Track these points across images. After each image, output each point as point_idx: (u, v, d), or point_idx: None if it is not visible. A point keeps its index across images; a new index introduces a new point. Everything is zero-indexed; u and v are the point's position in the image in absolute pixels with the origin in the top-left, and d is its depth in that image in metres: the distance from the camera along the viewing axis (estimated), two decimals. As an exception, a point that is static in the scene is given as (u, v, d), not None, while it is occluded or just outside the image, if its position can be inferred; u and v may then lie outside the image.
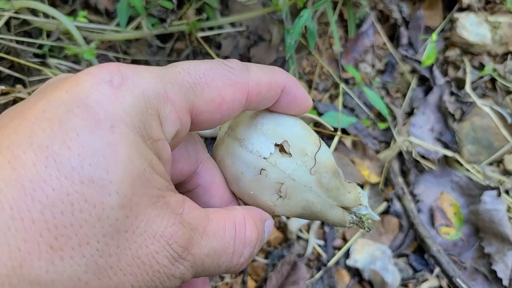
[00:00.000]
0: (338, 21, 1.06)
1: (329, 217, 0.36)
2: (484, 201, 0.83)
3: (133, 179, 0.23)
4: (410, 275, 0.84)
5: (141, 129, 0.25)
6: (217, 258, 0.29)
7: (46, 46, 0.89)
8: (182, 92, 0.28)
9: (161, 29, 0.87)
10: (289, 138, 0.34)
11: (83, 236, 0.22)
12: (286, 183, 0.34)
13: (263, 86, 0.32)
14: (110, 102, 0.24)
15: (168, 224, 0.25)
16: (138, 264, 0.24)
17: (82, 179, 0.22)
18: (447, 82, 1.02)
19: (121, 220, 0.23)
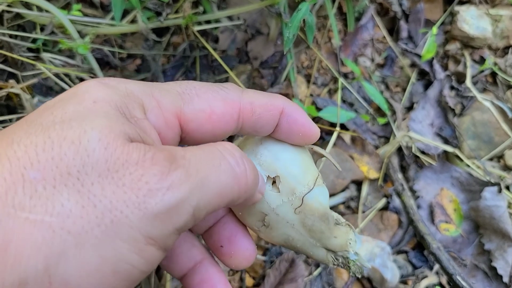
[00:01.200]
0: (337, 15, 1.05)
1: (311, 255, 0.37)
2: (484, 197, 0.82)
3: (109, 124, 0.25)
4: (409, 272, 0.84)
5: (123, 109, 0.27)
6: (210, 159, 0.28)
7: (40, 40, 0.87)
8: (170, 97, 0.30)
9: (157, 22, 0.86)
10: (282, 174, 0.35)
11: (64, 168, 0.23)
12: (270, 215, 0.35)
13: (257, 105, 0.33)
14: (95, 91, 0.27)
15: (148, 151, 0.26)
16: (124, 190, 0.24)
17: (62, 126, 0.25)
18: (447, 76, 1.01)
19: (99, 151, 0.24)
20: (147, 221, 0.24)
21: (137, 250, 0.24)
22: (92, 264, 0.23)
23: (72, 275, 0.22)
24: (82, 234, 0.23)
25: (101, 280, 0.23)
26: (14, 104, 0.85)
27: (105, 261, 0.23)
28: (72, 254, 0.22)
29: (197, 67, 0.97)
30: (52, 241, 0.22)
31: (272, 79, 0.95)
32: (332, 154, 0.88)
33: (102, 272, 0.23)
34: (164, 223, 0.24)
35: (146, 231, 0.24)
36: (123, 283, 0.24)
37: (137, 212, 0.23)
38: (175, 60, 0.96)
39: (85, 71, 0.85)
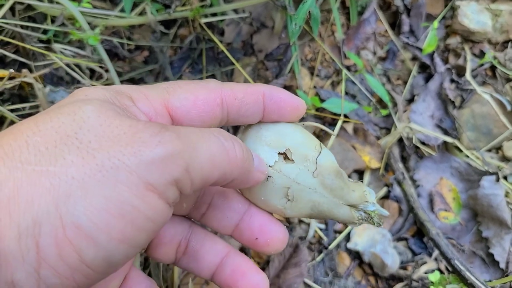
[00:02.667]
0: (340, 8, 1.07)
1: (338, 216, 0.39)
2: (483, 186, 0.85)
3: (102, 104, 0.28)
4: (409, 258, 0.86)
5: (113, 100, 0.30)
6: (199, 133, 0.30)
7: (51, 31, 0.89)
8: (155, 90, 0.33)
9: (165, 15, 0.88)
10: (291, 146, 0.37)
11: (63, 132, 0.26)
12: (292, 187, 0.37)
13: (237, 90, 0.36)
14: (87, 90, 0.30)
15: (140, 120, 0.28)
16: (120, 144, 0.26)
17: (59, 107, 0.28)
18: (448, 70, 1.03)
19: (93, 118, 0.27)
20: (144, 167, 0.25)
21: (138, 194, 0.25)
22: (98, 205, 0.24)
23: (81, 216, 0.24)
24: (85, 179, 0.24)
25: (109, 221, 0.24)
26: (26, 94, 0.88)
27: (109, 201, 0.24)
28: (78, 196, 0.24)
29: (204, 59, 0.99)
30: (59, 185, 0.24)
31: (277, 71, 0.97)
32: (335, 145, 0.90)
33: (109, 213, 0.24)
34: (160, 170, 0.26)
35: (144, 176, 0.25)
36: (131, 228, 0.25)
37: (134, 159, 0.25)
38: (182, 52, 0.98)
39: (95, 62, 0.88)
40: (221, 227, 0.40)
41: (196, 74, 0.99)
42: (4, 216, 0.23)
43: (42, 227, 0.23)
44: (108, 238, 0.25)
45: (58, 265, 0.24)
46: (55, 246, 0.24)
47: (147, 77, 0.96)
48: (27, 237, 0.23)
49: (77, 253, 0.24)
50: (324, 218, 0.39)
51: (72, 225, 0.24)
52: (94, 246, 0.24)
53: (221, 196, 0.40)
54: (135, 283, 0.38)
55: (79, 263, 0.24)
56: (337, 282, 0.82)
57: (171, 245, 0.40)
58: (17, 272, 0.23)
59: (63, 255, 0.24)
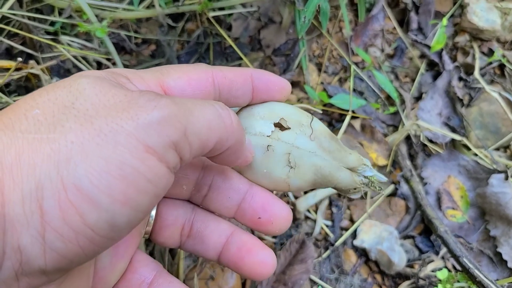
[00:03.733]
0: (348, 5, 1.06)
1: (340, 180, 0.39)
2: (491, 184, 0.84)
3: (98, 78, 0.29)
4: (416, 256, 0.85)
5: (110, 78, 0.30)
6: (194, 100, 0.30)
7: (58, 23, 0.89)
8: (150, 73, 0.34)
9: (173, 8, 0.87)
10: (284, 115, 0.39)
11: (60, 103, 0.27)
12: (292, 152, 0.38)
13: (227, 71, 0.37)
14: (85, 72, 0.31)
15: (135, 90, 0.30)
16: (117, 110, 0.26)
17: (55, 83, 0.29)
18: (456, 68, 1.02)
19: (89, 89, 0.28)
20: (142, 130, 0.26)
21: (138, 156, 0.25)
22: (98, 166, 0.24)
23: (82, 178, 0.24)
24: (85, 143, 0.25)
25: (110, 183, 0.24)
26: (33, 86, 0.87)
27: (110, 163, 0.24)
28: (79, 159, 0.24)
29: (211, 53, 0.98)
30: (59, 150, 0.24)
31: (284, 66, 0.97)
32: (342, 141, 0.90)
33: (110, 175, 0.24)
34: (158, 132, 0.26)
35: (142, 138, 0.25)
36: (132, 190, 0.25)
37: (131, 123, 0.26)
38: (189, 46, 0.98)
39: (102, 54, 0.87)
40: (223, 208, 0.40)
41: (203, 69, 0.98)
42: (8, 181, 0.24)
43: (45, 190, 0.24)
44: (110, 200, 0.24)
45: (62, 228, 0.24)
46: (58, 209, 0.24)
47: (153, 71, 0.95)
48: (31, 201, 0.23)
49: (80, 215, 0.24)
50: (326, 185, 0.39)
51: (73, 187, 0.24)
52: (96, 208, 0.24)
53: (221, 176, 0.40)
54: (142, 265, 0.38)
55: (83, 226, 0.24)
56: (343, 279, 0.81)
57: (175, 227, 0.40)
58: (23, 237, 0.23)
59: (66, 218, 0.24)
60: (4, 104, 0.81)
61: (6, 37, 0.87)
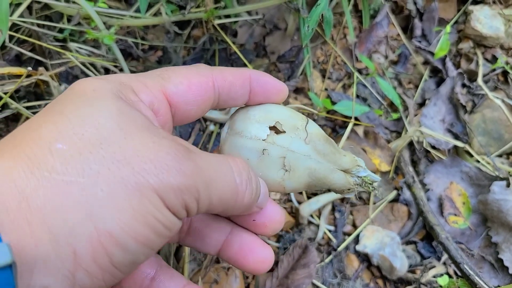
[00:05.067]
0: (352, 12, 1.07)
1: (334, 182, 0.40)
2: (493, 191, 0.85)
3: (119, 109, 0.29)
4: (418, 262, 0.86)
5: (119, 93, 0.31)
6: (218, 168, 0.32)
7: (67, 30, 0.91)
8: (151, 77, 0.34)
9: (179, 16, 0.89)
10: (279, 119, 0.40)
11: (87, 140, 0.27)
12: (287, 156, 0.39)
13: (227, 73, 0.38)
14: (92, 83, 0.31)
15: (164, 137, 0.30)
16: (144, 161, 0.27)
17: (77, 106, 0.29)
18: (460, 74, 1.03)
19: (116, 130, 0.28)
20: (164, 190, 0.28)
21: (159, 209, 0.28)
22: (128, 215, 0.26)
23: (114, 225, 0.26)
24: (113, 191, 0.26)
25: (136, 229, 0.27)
26: (41, 92, 0.89)
27: (137, 212, 0.27)
28: (110, 207, 0.26)
29: (216, 59, 1.00)
30: (90, 196, 0.26)
31: (289, 73, 0.98)
32: (345, 147, 0.91)
33: (136, 222, 0.27)
34: (176, 196, 0.28)
35: (163, 197, 0.28)
36: (153, 235, 0.28)
37: (156, 180, 0.27)
38: (195, 53, 0.99)
39: (110, 61, 0.89)
40: None
41: (208, 75, 1.00)
42: (38, 224, 0.25)
43: (79, 236, 0.25)
44: (136, 243, 0.27)
45: (91, 267, 0.26)
46: (90, 252, 0.26)
47: (160, 77, 0.96)
48: (65, 245, 0.25)
49: (108, 256, 0.26)
50: (321, 187, 0.40)
51: (106, 233, 0.26)
52: (124, 251, 0.27)
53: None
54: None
55: (110, 265, 0.27)
56: (346, 284, 0.82)
57: None
58: (52, 276, 0.25)
59: (97, 259, 0.26)
60: (13, 110, 0.83)
61: (16, 44, 0.89)
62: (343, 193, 0.41)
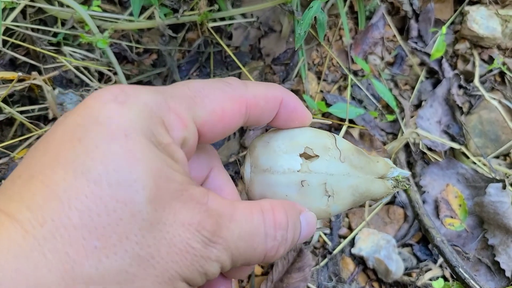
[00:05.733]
0: (348, 13, 1.07)
1: (375, 192, 0.38)
2: (489, 193, 0.84)
3: (154, 176, 0.26)
4: (414, 265, 0.86)
5: (151, 136, 0.27)
6: (250, 240, 0.30)
7: (61, 34, 0.91)
8: (184, 103, 0.30)
9: (173, 19, 0.89)
10: (307, 143, 0.36)
11: (122, 233, 0.24)
12: (328, 180, 0.36)
13: (260, 98, 0.34)
14: (119, 116, 0.26)
15: (194, 213, 0.28)
16: (175, 251, 0.26)
17: (110, 182, 0.24)
18: (456, 75, 1.02)
19: (151, 214, 0.25)
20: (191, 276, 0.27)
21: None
22: None
23: None
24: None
25: None
26: (36, 96, 0.89)
27: None
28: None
29: (211, 62, 1.00)
30: None
31: (284, 75, 0.98)
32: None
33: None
34: (200, 275, 0.28)
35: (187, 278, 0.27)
36: None
37: (186, 271, 0.27)
38: (190, 56, 0.99)
39: (104, 65, 0.89)
40: None
41: (203, 78, 1.00)
42: None
43: None
44: None
45: None
46: None
47: (155, 80, 0.96)
48: None
49: None
50: (363, 201, 0.39)
51: None
52: None
53: None
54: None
55: None
56: (341, 287, 0.82)
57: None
58: None
59: None
60: (7, 114, 0.83)
61: (10, 48, 0.89)
62: (381, 198, 0.40)
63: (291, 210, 0.34)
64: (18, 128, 0.89)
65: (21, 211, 0.24)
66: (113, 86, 0.28)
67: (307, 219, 0.36)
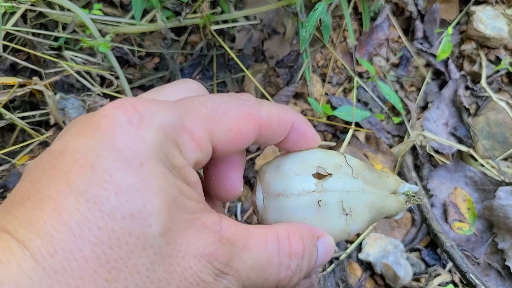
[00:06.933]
0: (352, 14, 1.06)
1: (390, 207, 0.38)
2: (498, 197, 0.82)
3: (168, 208, 0.25)
4: (422, 270, 0.84)
5: (165, 161, 0.27)
6: (262, 271, 0.30)
7: (62, 38, 0.90)
8: (200, 122, 0.29)
9: (176, 22, 0.87)
10: (319, 163, 0.36)
11: (133, 266, 0.24)
12: (344, 198, 0.35)
13: (274, 119, 0.34)
14: (134, 141, 0.26)
15: (207, 243, 0.27)
16: (186, 285, 0.26)
17: (124, 215, 0.24)
18: (463, 76, 1.01)
19: (163, 247, 0.25)
20: None
21: None
22: None
23: None
24: None
25: None
26: (37, 101, 0.88)
27: None
28: None
29: (214, 65, 0.98)
30: None
31: (288, 78, 0.96)
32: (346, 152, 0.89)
33: None
34: None
35: None
36: None
37: None
38: (192, 59, 0.98)
39: (106, 69, 0.87)
40: None
41: (206, 81, 0.98)
42: None
43: None
44: None
45: None
46: None
47: (157, 84, 0.95)
48: None
49: None
50: (379, 218, 0.38)
51: None
52: None
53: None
54: None
55: None
56: (348, 293, 0.81)
57: None
58: None
59: None
60: (8, 120, 0.82)
61: (10, 53, 0.88)
62: (394, 216, 0.39)
63: (308, 237, 0.33)
64: (19, 134, 0.88)
65: (31, 238, 0.23)
66: (125, 101, 0.27)
67: (325, 244, 0.35)
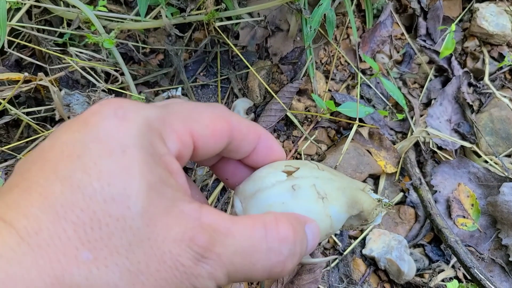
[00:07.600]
0: (355, 11, 1.06)
1: (363, 200, 0.39)
2: (502, 192, 0.83)
3: (147, 192, 0.26)
4: (426, 266, 0.84)
5: (148, 148, 0.28)
6: (248, 255, 0.30)
7: (67, 34, 0.90)
8: (180, 118, 0.32)
9: (180, 18, 0.88)
10: (286, 164, 0.39)
11: (113, 247, 0.25)
12: (316, 182, 0.37)
13: (244, 126, 0.36)
14: (118, 131, 0.27)
15: (187, 229, 0.28)
16: (165, 269, 0.26)
17: (105, 198, 0.25)
18: (466, 73, 1.01)
19: (142, 229, 0.26)
20: None
21: None
22: None
23: None
24: None
25: None
26: (42, 97, 0.88)
27: None
28: None
29: (218, 62, 0.99)
30: None
31: (292, 74, 0.97)
32: (350, 149, 0.89)
33: None
34: None
35: None
36: None
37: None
38: (196, 55, 0.98)
39: (110, 65, 0.88)
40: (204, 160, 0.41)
41: (210, 78, 0.99)
42: None
43: None
44: None
45: None
46: None
47: (161, 80, 0.96)
48: None
49: None
50: (356, 207, 0.38)
51: None
52: None
53: None
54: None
55: None
56: (352, 288, 0.81)
57: None
58: None
59: None
60: (13, 116, 0.82)
61: (15, 49, 0.88)
62: (371, 218, 0.40)
63: (296, 222, 0.34)
64: (24, 129, 0.88)
65: (18, 219, 0.24)
66: (112, 100, 0.29)
67: (312, 229, 0.36)
